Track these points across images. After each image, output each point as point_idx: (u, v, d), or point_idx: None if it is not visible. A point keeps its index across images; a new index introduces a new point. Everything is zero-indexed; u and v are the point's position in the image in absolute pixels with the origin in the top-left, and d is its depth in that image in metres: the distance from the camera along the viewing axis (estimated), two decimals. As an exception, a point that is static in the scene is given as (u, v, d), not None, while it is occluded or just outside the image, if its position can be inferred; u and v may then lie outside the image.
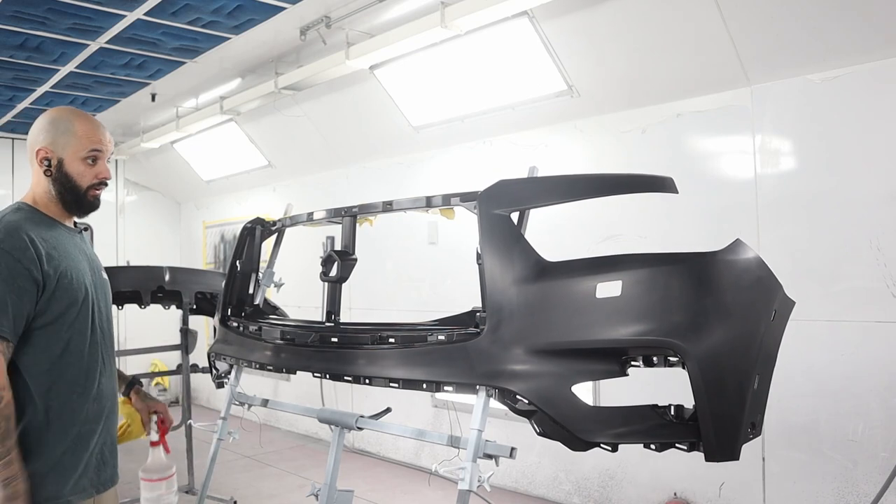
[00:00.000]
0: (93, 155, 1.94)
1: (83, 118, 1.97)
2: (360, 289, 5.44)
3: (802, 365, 3.36)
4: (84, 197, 1.95)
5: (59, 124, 1.93)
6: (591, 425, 1.85)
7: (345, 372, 2.31)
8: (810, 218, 3.40)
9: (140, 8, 4.01)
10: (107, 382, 1.98)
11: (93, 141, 1.93)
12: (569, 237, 4.09)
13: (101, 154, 1.96)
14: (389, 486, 4.99)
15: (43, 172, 1.91)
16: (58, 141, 1.91)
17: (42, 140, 1.92)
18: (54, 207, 1.95)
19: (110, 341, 2.04)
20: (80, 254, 1.94)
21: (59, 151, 1.91)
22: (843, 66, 3.27)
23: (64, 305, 1.83)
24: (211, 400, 8.11)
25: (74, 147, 1.91)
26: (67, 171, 1.91)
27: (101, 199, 2.01)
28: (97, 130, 1.96)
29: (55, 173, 1.91)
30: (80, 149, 1.92)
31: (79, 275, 1.88)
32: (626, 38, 3.78)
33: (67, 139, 1.91)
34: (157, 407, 2.30)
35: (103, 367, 1.96)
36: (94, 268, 2.01)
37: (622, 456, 2.07)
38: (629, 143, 4.10)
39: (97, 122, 1.99)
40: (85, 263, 1.94)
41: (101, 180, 1.97)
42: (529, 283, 1.89)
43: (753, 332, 1.79)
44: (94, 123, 1.97)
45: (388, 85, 4.92)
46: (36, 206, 1.94)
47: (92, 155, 1.94)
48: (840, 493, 3.30)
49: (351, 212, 2.58)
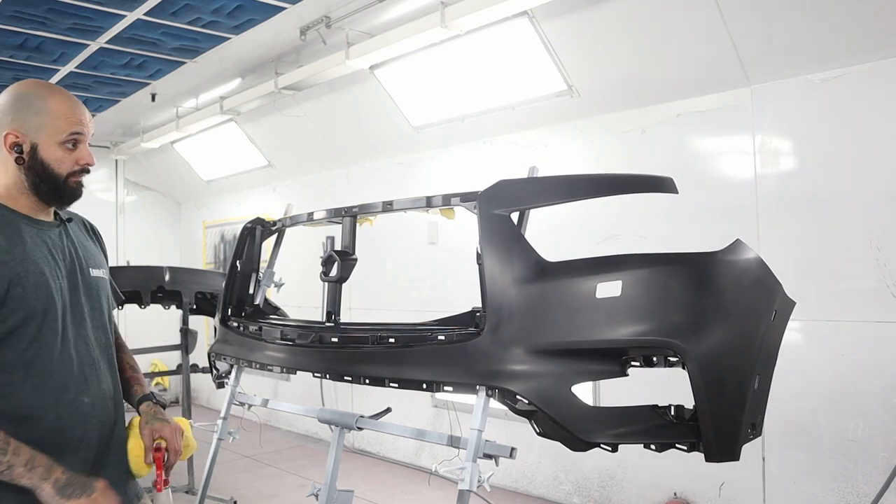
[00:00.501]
0: (73, 139, 1.63)
1: (58, 94, 1.65)
2: (361, 289, 5.44)
3: (802, 365, 3.36)
4: (64, 185, 1.64)
5: (29, 102, 1.61)
6: (591, 425, 1.85)
7: (345, 372, 2.32)
8: (810, 218, 3.40)
9: (140, 8, 4.01)
10: (96, 405, 1.65)
11: (72, 122, 1.63)
12: (569, 237, 4.09)
13: (83, 137, 1.65)
14: (389, 486, 4.99)
15: (14, 161, 1.60)
16: (29, 122, 1.60)
17: (9, 122, 1.60)
18: (25, 200, 1.64)
19: (102, 353, 1.71)
20: (48, 253, 1.62)
21: (31, 135, 1.60)
22: (843, 66, 3.27)
23: (18, 318, 1.52)
24: (211, 400, 8.11)
25: (51, 130, 1.60)
26: (43, 159, 1.60)
27: (83, 184, 1.69)
28: (76, 109, 1.65)
29: (28, 161, 1.60)
30: (57, 132, 1.61)
31: (40, 279, 1.57)
32: (626, 38, 3.78)
33: (41, 120, 1.60)
34: (164, 432, 1.75)
35: (85, 384, 1.62)
36: (74, 267, 1.68)
37: (622, 456, 2.07)
38: (629, 143, 4.10)
39: (74, 99, 1.68)
40: (55, 263, 1.63)
41: (82, 167, 1.66)
42: (529, 284, 1.89)
43: (754, 332, 1.79)
44: (72, 100, 1.66)
45: (388, 85, 4.92)
46: (2, 199, 1.63)
47: (72, 139, 1.63)
48: (840, 493, 3.30)
49: (351, 212, 2.58)
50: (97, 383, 1.67)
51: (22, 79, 5.79)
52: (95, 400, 1.65)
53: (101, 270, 1.78)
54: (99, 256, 1.83)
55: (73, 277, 1.67)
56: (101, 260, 1.82)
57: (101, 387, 1.68)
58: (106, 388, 1.70)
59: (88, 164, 1.66)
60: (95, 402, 1.65)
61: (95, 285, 1.74)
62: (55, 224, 1.71)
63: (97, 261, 1.79)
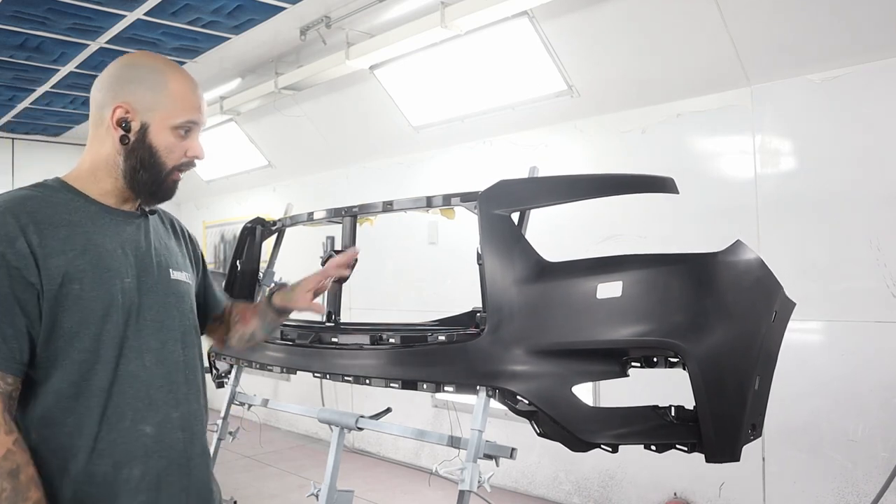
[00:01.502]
0: (188, 126, 1.41)
1: (180, 73, 1.43)
2: (361, 289, 5.44)
3: (802, 365, 3.36)
4: (165, 180, 1.42)
5: (146, 76, 1.39)
6: (591, 426, 1.85)
7: (345, 372, 2.32)
8: (810, 218, 3.40)
9: (140, 8, 4.01)
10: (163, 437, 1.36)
11: (192, 107, 1.41)
12: (569, 237, 4.09)
13: (197, 126, 1.44)
14: (389, 486, 4.99)
15: (118, 139, 1.37)
16: (143, 98, 1.37)
17: (121, 93, 1.37)
18: (109, 185, 1.40)
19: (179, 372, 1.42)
20: (118, 247, 1.37)
21: (143, 113, 1.37)
22: (843, 66, 3.27)
23: (74, 321, 1.28)
24: (211, 400, 8.09)
25: (167, 111, 1.38)
26: (152, 143, 1.38)
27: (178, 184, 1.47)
28: (197, 92, 1.44)
29: (134, 142, 1.37)
30: (173, 114, 1.38)
31: (102, 276, 1.31)
32: (625, 38, 3.78)
33: (158, 98, 1.38)
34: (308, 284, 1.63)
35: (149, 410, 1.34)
36: (150, 267, 1.42)
37: (622, 456, 2.06)
38: (629, 143, 4.10)
39: (196, 82, 1.45)
40: (126, 260, 1.37)
41: (190, 159, 1.44)
42: (530, 284, 1.89)
43: (754, 332, 1.80)
44: (194, 83, 1.44)
45: (388, 85, 4.92)
46: (71, 180, 1.39)
47: (188, 125, 1.41)
48: (840, 493, 3.30)
49: (351, 212, 2.58)
50: (167, 410, 1.37)
51: (22, 79, 5.78)
52: (162, 431, 1.36)
53: (184, 274, 1.51)
54: (183, 258, 1.56)
55: (146, 278, 1.40)
56: (185, 262, 1.56)
57: (172, 415, 1.38)
58: (180, 416, 1.40)
59: (198, 157, 1.45)
60: (162, 435, 1.36)
61: (176, 289, 1.47)
62: (135, 215, 1.45)
63: (180, 262, 1.53)
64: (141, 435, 1.32)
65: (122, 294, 1.33)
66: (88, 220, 1.35)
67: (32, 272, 1.25)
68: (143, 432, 1.32)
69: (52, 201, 1.34)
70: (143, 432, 1.32)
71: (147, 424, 1.33)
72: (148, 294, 1.39)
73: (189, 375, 1.44)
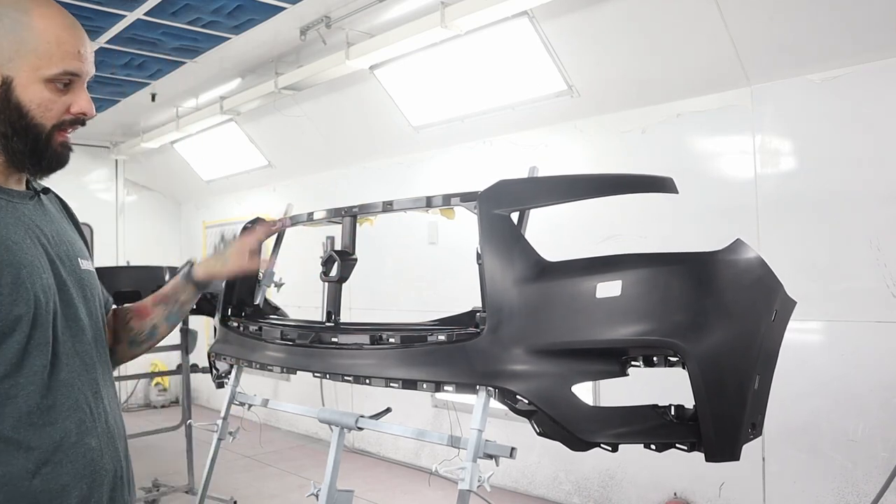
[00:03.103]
0: (66, 78, 1.15)
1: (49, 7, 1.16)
2: (361, 289, 5.44)
3: (802, 365, 3.36)
4: (46, 142, 1.16)
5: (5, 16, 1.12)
6: (591, 425, 1.85)
7: (345, 372, 2.31)
8: (810, 218, 3.40)
9: (140, 8, 4.01)
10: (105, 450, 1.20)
11: (66, 52, 1.13)
12: (569, 237, 4.09)
13: (79, 78, 1.17)
14: (389, 486, 4.99)
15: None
16: (2, 46, 1.11)
17: None
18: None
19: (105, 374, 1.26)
20: (25, 235, 1.15)
21: (4, 65, 1.11)
22: (843, 66, 3.27)
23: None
24: (211, 400, 8.10)
25: (33, 59, 1.12)
26: (20, 100, 1.12)
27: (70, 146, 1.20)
28: (73, 31, 1.16)
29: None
30: (43, 62, 1.12)
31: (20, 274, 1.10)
32: (626, 38, 3.78)
33: (20, 42, 1.11)
34: None
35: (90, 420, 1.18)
36: (60, 257, 1.20)
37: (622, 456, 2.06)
38: (629, 143, 4.10)
39: (72, 19, 1.17)
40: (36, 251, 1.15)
41: (76, 116, 1.18)
42: (529, 283, 1.89)
43: (754, 332, 1.80)
44: (68, 19, 1.16)
45: (388, 85, 4.92)
46: None
47: (65, 77, 1.15)
48: (840, 493, 3.30)
49: (351, 212, 2.58)
50: (105, 418, 1.20)
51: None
52: (105, 443, 1.19)
53: (88, 262, 1.30)
54: (81, 244, 1.32)
55: (58, 270, 1.18)
56: (84, 249, 1.32)
57: (110, 422, 1.22)
58: (115, 424, 1.24)
59: (85, 113, 1.18)
60: (105, 447, 1.19)
61: (89, 282, 1.26)
62: (28, 195, 1.22)
63: (82, 250, 1.30)
64: (87, 450, 1.16)
65: (43, 293, 1.12)
66: None
67: None
68: (90, 446, 1.16)
69: None
70: (88, 446, 1.16)
71: (92, 437, 1.17)
72: (64, 289, 1.18)
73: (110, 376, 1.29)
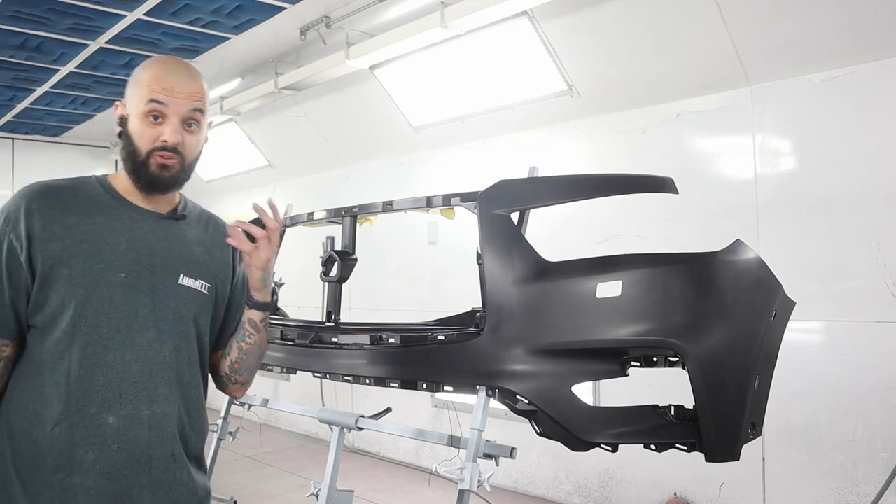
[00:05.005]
0: (152, 108, 1.38)
1: (160, 60, 1.45)
2: (361, 289, 5.43)
3: (802, 365, 3.36)
4: (144, 164, 1.40)
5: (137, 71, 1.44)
6: (591, 425, 1.85)
7: (345, 372, 2.32)
8: (810, 218, 3.40)
9: (140, 8, 4.01)
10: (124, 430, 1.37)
11: (152, 89, 1.38)
12: (569, 237, 4.09)
13: (165, 108, 1.39)
14: (389, 486, 4.98)
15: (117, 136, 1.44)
16: (129, 91, 1.43)
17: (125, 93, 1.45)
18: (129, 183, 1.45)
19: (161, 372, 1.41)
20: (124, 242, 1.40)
21: (127, 106, 1.42)
22: (843, 66, 3.27)
23: (56, 303, 1.34)
24: (211, 400, 8.08)
25: (138, 98, 1.39)
26: (129, 132, 1.41)
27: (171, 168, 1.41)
28: (168, 75, 1.40)
29: (122, 135, 1.43)
30: (142, 100, 1.39)
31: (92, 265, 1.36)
32: (626, 38, 3.78)
33: (135, 89, 1.41)
34: None
35: (116, 401, 1.36)
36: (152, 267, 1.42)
37: (622, 456, 2.06)
38: (629, 142, 4.10)
39: (173, 65, 1.43)
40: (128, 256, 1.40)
41: (162, 144, 1.39)
42: (530, 284, 1.89)
43: (754, 332, 1.80)
44: (167, 66, 1.42)
45: (388, 85, 4.92)
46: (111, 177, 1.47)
47: (151, 108, 1.38)
48: (840, 493, 3.30)
49: (351, 212, 2.58)
50: (136, 405, 1.37)
51: (22, 79, 5.78)
52: (125, 424, 1.36)
53: (198, 283, 1.48)
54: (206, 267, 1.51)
55: (146, 277, 1.41)
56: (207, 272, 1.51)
57: (143, 412, 1.38)
58: (151, 415, 1.39)
59: (166, 141, 1.39)
60: (124, 427, 1.36)
61: (180, 295, 1.45)
62: (157, 216, 1.47)
63: (199, 272, 1.49)
64: (102, 423, 1.35)
65: (107, 287, 1.37)
66: (103, 214, 1.41)
67: (26, 253, 1.34)
68: (106, 421, 1.35)
69: (80, 192, 1.43)
70: (104, 421, 1.35)
71: (112, 415, 1.35)
72: (143, 293, 1.41)
73: (172, 377, 1.43)
